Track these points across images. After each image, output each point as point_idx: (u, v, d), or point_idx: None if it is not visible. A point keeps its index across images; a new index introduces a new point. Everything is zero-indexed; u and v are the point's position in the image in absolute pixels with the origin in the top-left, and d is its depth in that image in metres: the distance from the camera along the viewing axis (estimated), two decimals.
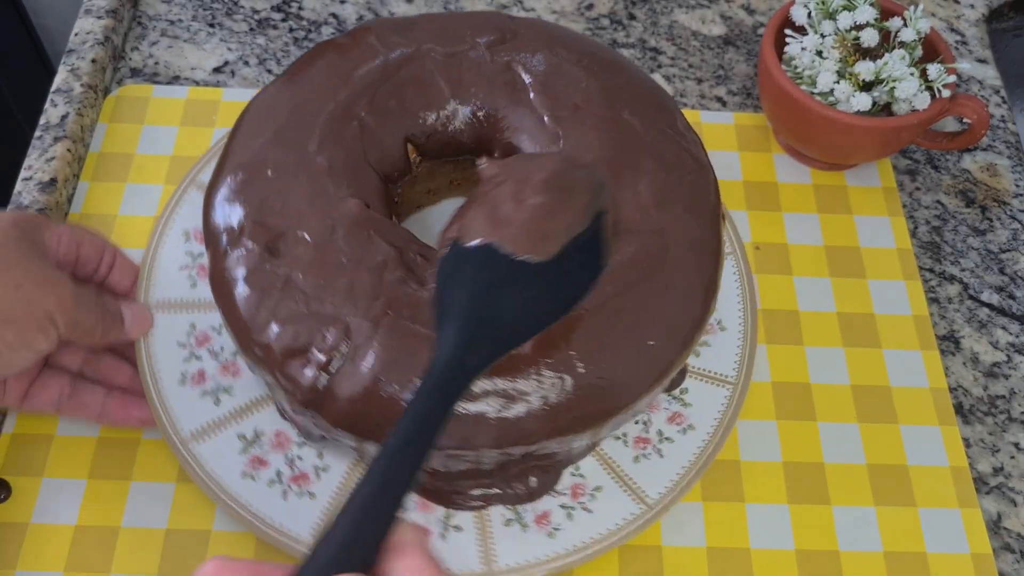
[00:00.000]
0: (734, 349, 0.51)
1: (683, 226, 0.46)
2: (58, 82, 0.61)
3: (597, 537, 0.46)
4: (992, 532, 0.50)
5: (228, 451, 0.47)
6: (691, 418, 0.49)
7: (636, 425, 0.49)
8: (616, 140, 0.48)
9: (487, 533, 0.46)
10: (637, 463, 0.48)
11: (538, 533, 0.46)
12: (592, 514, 0.47)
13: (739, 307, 0.53)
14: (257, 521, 0.45)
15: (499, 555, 0.45)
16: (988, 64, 0.69)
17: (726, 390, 0.50)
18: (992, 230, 0.61)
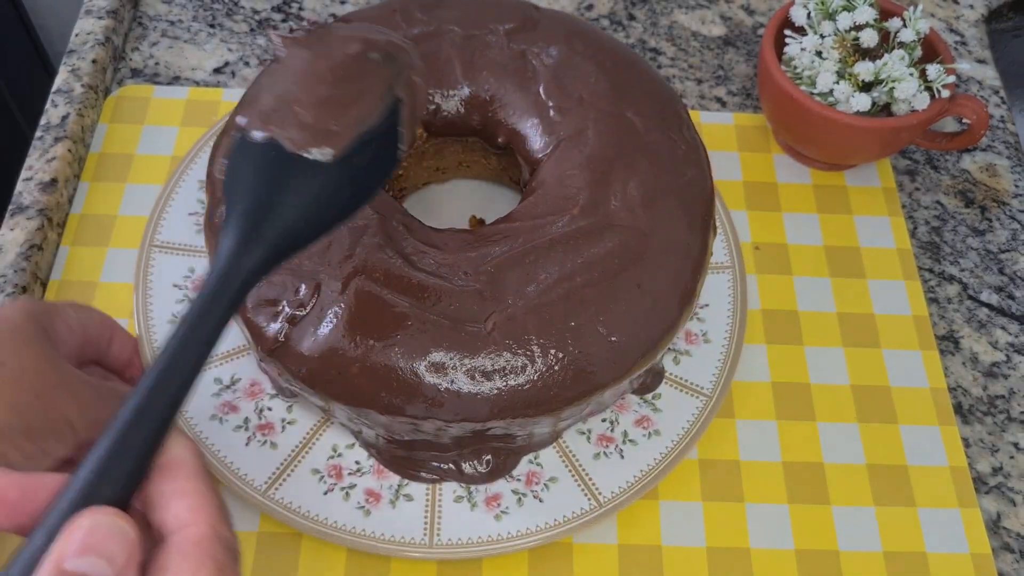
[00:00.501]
0: (715, 362, 0.51)
1: (667, 230, 0.46)
2: (59, 82, 0.61)
3: (542, 527, 0.46)
4: (991, 532, 0.50)
5: (202, 392, 0.49)
6: (659, 424, 0.49)
7: (602, 423, 0.49)
8: (614, 137, 0.48)
9: (435, 506, 0.47)
10: (596, 460, 0.48)
11: (486, 514, 0.46)
12: (542, 503, 0.47)
13: (728, 321, 0.53)
14: (216, 462, 0.47)
15: (443, 529, 0.46)
16: (987, 64, 0.69)
17: (699, 401, 0.50)
18: (991, 230, 0.61)
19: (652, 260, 0.45)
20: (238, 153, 0.37)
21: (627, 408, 0.50)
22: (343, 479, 0.47)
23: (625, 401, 0.50)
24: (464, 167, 0.56)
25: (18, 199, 0.56)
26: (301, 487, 0.47)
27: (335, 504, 0.46)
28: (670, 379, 0.51)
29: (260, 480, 0.47)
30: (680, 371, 0.51)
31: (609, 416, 0.50)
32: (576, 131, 0.48)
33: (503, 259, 0.44)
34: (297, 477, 0.47)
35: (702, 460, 0.50)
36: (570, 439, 0.49)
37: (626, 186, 0.46)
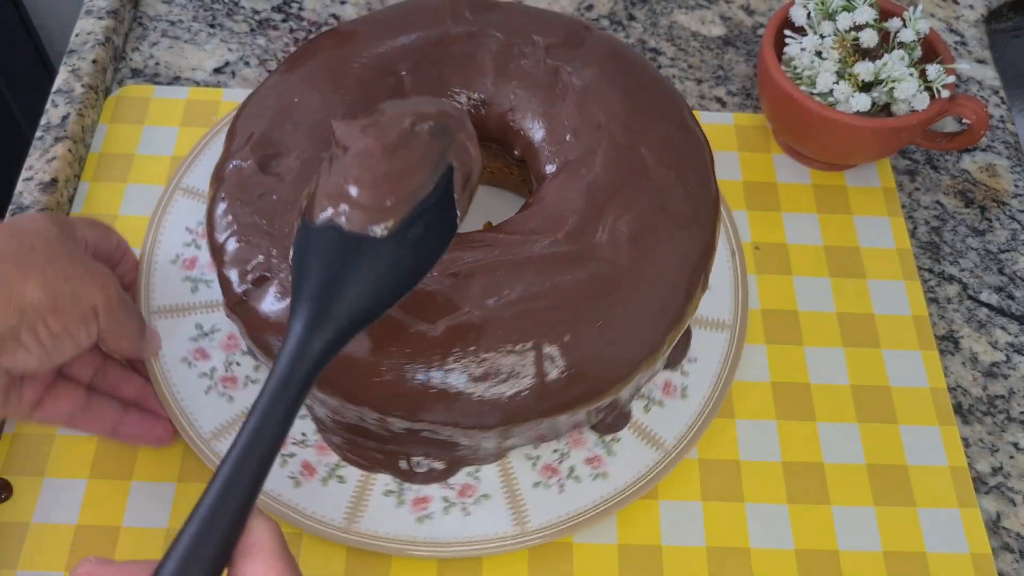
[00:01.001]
0: (686, 419, 0.50)
1: (649, 275, 0.45)
2: (59, 82, 0.61)
3: (459, 539, 0.46)
4: (991, 532, 0.50)
5: (181, 334, 0.50)
6: (608, 467, 0.48)
7: (553, 453, 0.48)
8: (621, 169, 0.47)
9: (364, 495, 0.47)
10: (535, 488, 0.47)
11: (409, 514, 0.46)
12: (468, 517, 0.46)
13: (711, 382, 0.51)
14: (173, 404, 0.48)
15: (364, 517, 0.46)
16: (987, 65, 0.69)
17: (656, 454, 0.48)
18: (991, 230, 0.61)
19: (622, 301, 0.44)
20: (302, 238, 0.38)
21: (583, 444, 0.49)
22: (285, 447, 0.47)
23: (583, 436, 0.49)
24: (488, 172, 0.56)
25: (18, 199, 0.56)
26: None
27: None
28: (635, 425, 0.49)
29: (207, 429, 0.48)
30: (648, 420, 0.49)
31: (562, 447, 0.49)
32: (585, 156, 0.48)
33: (474, 266, 0.44)
34: None
35: (702, 460, 0.50)
36: (516, 461, 0.48)
37: (617, 220, 0.45)
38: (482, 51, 0.51)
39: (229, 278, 0.45)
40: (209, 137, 0.58)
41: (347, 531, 0.46)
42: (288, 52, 0.66)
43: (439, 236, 0.40)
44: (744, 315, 0.53)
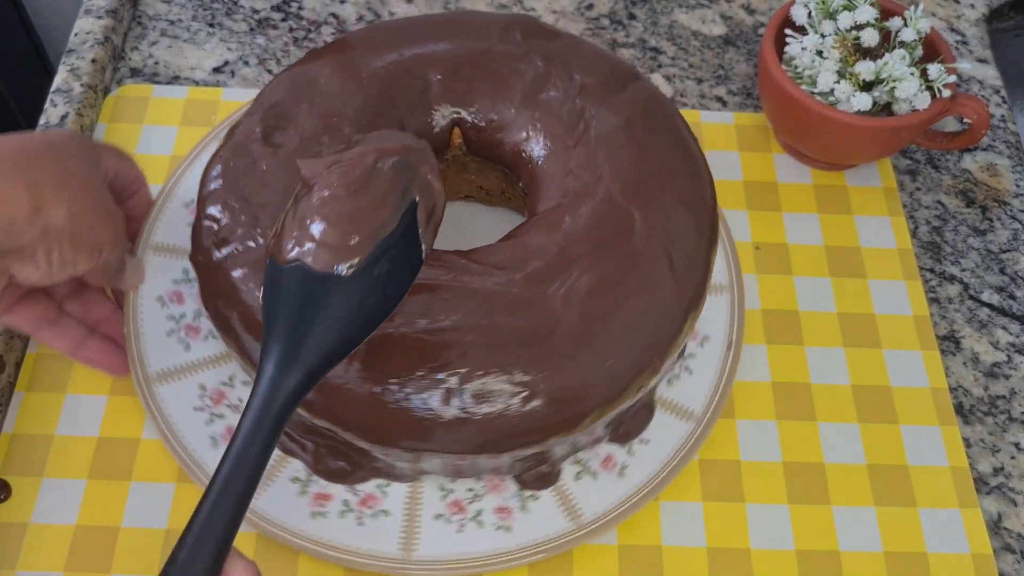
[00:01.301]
0: (613, 499, 0.47)
1: (591, 345, 0.43)
2: (58, 82, 0.61)
3: (336, 544, 0.45)
4: (992, 532, 0.50)
5: (166, 275, 0.51)
6: (515, 523, 0.46)
7: (467, 491, 0.47)
8: (604, 228, 0.46)
9: (270, 476, 0.47)
10: (435, 520, 0.47)
11: (305, 506, 0.46)
12: (360, 527, 0.46)
13: (656, 469, 0.48)
14: (132, 336, 0.49)
15: (259, 499, 0.46)
16: (988, 64, 0.69)
17: (568, 525, 0.46)
18: (992, 230, 0.61)
19: (554, 361, 0.43)
20: (269, 279, 0.39)
21: (500, 491, 0.47)
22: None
23: (504, 483, 0.48)
24: (505, 197, 0.56)
25: None
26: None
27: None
28: (559, 489, 0.47)
29: (154, 370, 0.49)
30: (575, 488, 0.47)
31: (478, 488, 0.47)
32: (575, 204, 0.47)
33: (422, 282, 0.44)
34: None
35: (702, 460, 0.50)
36: (428, 487, 0.47)
37: (580, 278, 0.44)
38: (516, 76, 0.51)
39: (199, 230, 0.47)
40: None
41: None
42: (287, 52, 0.66)
43: (405, 271, 0.40)
44: (719, 406, 0.50)
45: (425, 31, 0.53)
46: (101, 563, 0.46)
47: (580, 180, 0.48)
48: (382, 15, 0.69)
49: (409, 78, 0.51)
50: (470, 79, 0.51)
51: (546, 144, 0.50)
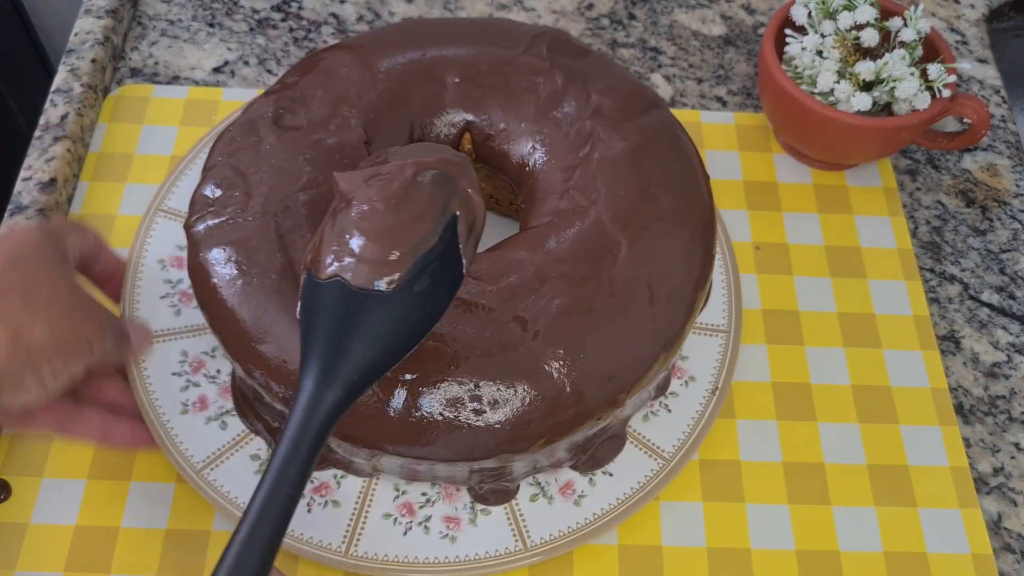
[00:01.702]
0: (564, 525, 0.46)
1: (551, 366, 0.43)
2: (58, 82, 0.61)
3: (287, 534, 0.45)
4: (992, 532, 0.50)
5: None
6: (461, 534, 0.46)
7: (420, 495, 0.47)
8: (584, 254, 0.45)
9: (232, 449, 0.48)
10: (383, 519, 0.46)
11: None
12: (308, 514, 0.46)
13: (622, 497, 0.47)
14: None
15: (216, 469, 0.47)
16: (988, 64, 0.69)
17: (514, 545, 0.46)
18: (992, 230, 0.61)
19: (503, 379, 0.42)
20: (307, 294, 0.38)
21: (454, 499, 0.47)
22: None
23: (459, 492, 0.47)
24: (514, 208, 0.55)
25: (17, 199, 0.56)
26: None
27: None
28: (511, 507, 0.47)
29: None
30: (527, 509, 0.47)
31: (432, 493, 0.47)
32: (562, 225, 0.46)
33: None
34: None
35: (702, 460, 0.50)
36: (383, 485, 0.47)
37: (552, 301, 0.44)
38: (533, 90, 0.51)
39: (195, 199, 0.48)
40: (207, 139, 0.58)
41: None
42: (287, 51, 0.66)
43: (446, 286, 0.39)
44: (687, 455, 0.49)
45: (453, 34, 0.53)
46: (101, 563, 0.46)
47: (574, 201, 0.47)
48: (382, 15, 0.69)
49: (426, 78, 0.51)
50: (486, 86, 0.51)
51: (548, 161, 0.49)
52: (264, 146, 0.48)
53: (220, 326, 0.45)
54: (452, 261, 0.39)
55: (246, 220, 0.46)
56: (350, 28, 0.68)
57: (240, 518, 0.34)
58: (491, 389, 0.42)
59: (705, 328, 0.52)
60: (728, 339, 0.52)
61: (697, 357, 0.51)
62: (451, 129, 0.51)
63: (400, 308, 0.38)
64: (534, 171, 0.50)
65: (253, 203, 0.46)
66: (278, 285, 0.44)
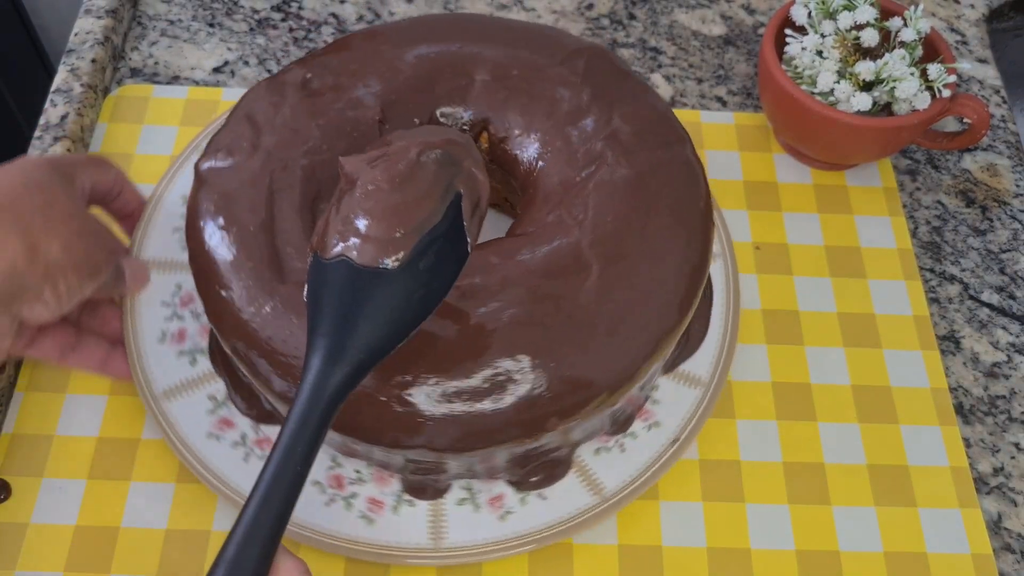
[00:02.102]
0: (481, 534, 0.46)
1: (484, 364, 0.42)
2: (58, 82, 0.61)
3: (215, 469, 0.47)
4: (992, 532, 0.50)
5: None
6: (379, 519, 0.46)
7: (354, 472, 0.48)
8: (556, 273, 0.45)
9: (189, 389, 0.49)
10: (313, 486, 0.47)
11: (207, 425, 0.48)
12: (245, 463, 0.47)
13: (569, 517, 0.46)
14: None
15: (169, 400, 0.49)
16: (988, 64, 0.69)
17: (427, 542, 0.46)
18: (992, 230, 0.61)
19: (435, 375, 0.42)
20: (314, 275, 0.39)
21: (385, 484, 0.48)
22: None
23: (391, 478, 0.48)
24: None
25: None
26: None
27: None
28: (436, 507, 0.47)
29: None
30: (453, 513, 0.47)
31: (364, 473, 0.48)
32: (541, 239, 0.46)
33: None
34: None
35: (702, 460, 0.50)
36: (322, 454, 0.48)
37: (506, 310, 0.43)
38: (556, 102, 0.50)
39: (213, 139, 0.50)
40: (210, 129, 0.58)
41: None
42: (287, 51, 0.66)
43: (451, 263, 0.40)
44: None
45: (496, 33, 0.53)
46: (101, 563, 0.46)
47: (560, 218, 0.47)
48: (382, 15, 0.69)
49: (456, 71, 0.51)
50: (512, 89, 0.51)
51: (551, 174, 0.49)
52: (284, 106, 0.50)
53: (194, 262, 0.47)
54: (457, 239, 0.40)
55: (245, 171, 0.47)
56: (350, 28, 0.68)
57: (249, 494, 0.34)
58: (420, 385, 0.42)
59: (685, 377, 0.50)
60: (706, 393, 0.50)
61: (669, 404, 0.49)
62: (468, 125, 0.51)
63: (405, 285, 0.38)
64: (536, 181, 0.49)
65: (256, 156, 0.48)
66: (253, 238, 0.46)
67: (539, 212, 0.48)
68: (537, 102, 0.50)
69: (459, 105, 0.51)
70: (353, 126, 0.49)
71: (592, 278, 0.44)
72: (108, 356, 0.49)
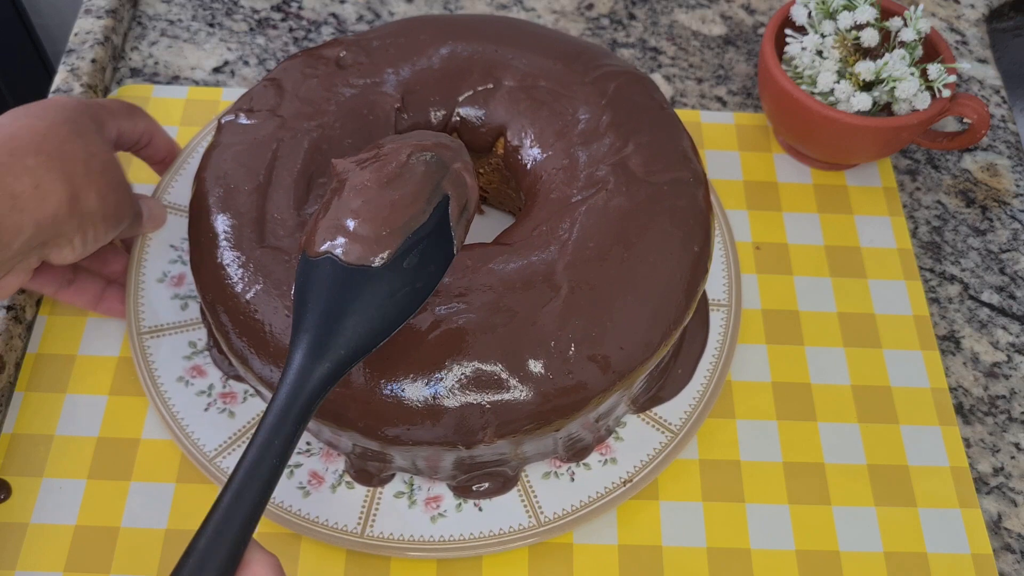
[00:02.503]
0: (406, 530, 0.46)
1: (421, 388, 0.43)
2: (58, 82, 0.61)
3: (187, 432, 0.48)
4: (992, 532, 0.50)
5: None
6: (315, 492, 0.47)
7: (304, 444, 0.48)
8: (522, 289, 0.44)
9: (375, 499, 0.49)
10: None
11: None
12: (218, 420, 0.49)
13: (497, 535, 0.46)
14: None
15: (153, 338, 0.51)
16: (988, 64, 0.69)
17: (354, 526, 0.46)
18: (992, 230, 0.61)
19: (376, 372, 0.42)
20: (301, 272, 0.39)
21: (330, 460, 0.48)
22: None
23: (337, 457, 0.49)
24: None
25: None
26: None
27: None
28: (371, 494, 0.47)
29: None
30: (386, 504, 0.47)
31: (314, 446, 0.49)
32: (518, 254, 0.46)
33: None
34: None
35: (702, 460, 0.50)
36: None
37: (461, 316, 0.43)
38: (573, 121, 0.50)
39: (245, 93, 0.52)
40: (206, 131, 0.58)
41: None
42: (287, 52, 0.66)
43: (437, 264, 0.40)
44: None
45: (536, 41, 0.53)
46: (101, 563, 0.46)
47: (543, 235, 0.46)
48: (382, 15, 0.69)
49: (485, 73, 0.51)
50: (535, 100, 0.51)
51: (550, 191, 0.49)
52: (313, 79, 0.51)
53: (190, 208, 0.49)
54: (443, 240, 0.40)
55: (257, 132, 0.49)
56: (350, 28, 0.68)
57: (224, 484, 0.34)
58: (365, 384, 0.42)
59: (655, 420, 0.49)
60: (673, 440, 0.48)
61: (632, 443, 0.48)
62: (485, 128, 0.51)
63: (390, 284, 0.38)
64: (536, 194, 0.49)
65: (271, 121, 0.49)
66: (245, 197, 0.47)
67: (528, 225, 0.47)
68: (555, 117, 0.50)
69: (480, 107, 0.51)
70: (370, 109, 0.50)
71: (558, 300, 0.44)
72: (102, 294, 0.51)
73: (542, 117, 0.50)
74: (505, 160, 0.52)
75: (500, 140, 0.52)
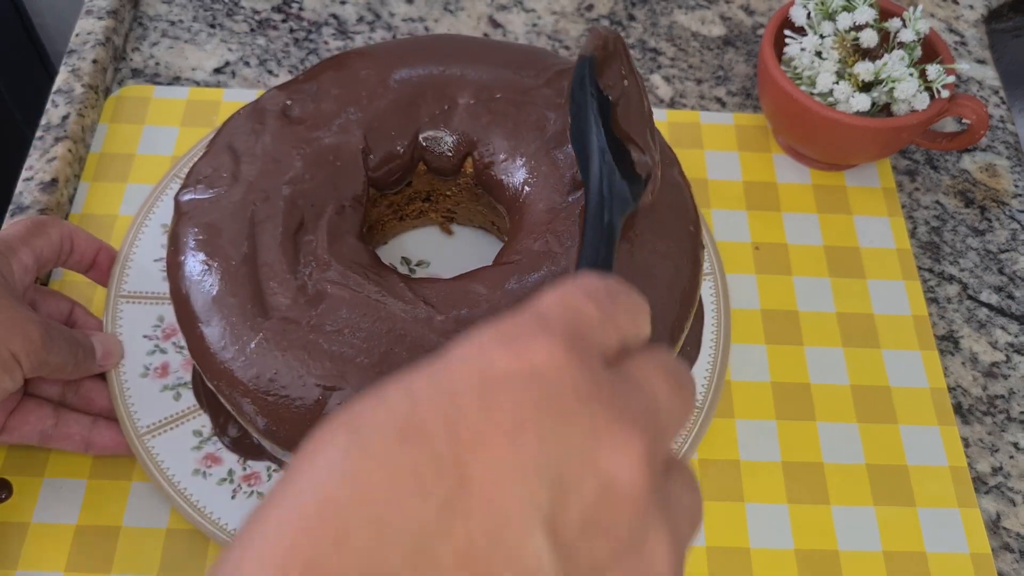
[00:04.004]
0: None
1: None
2: (59, 82, 0.61)
3: (201, 506, 0.46)
4: (991, 532, 0.50)
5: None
6: None
7: None
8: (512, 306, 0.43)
9: (176, 421, 0.49)
10: (233, 499, 0.47)
11: (192, 461, 0.47)
12: (232, 500, 0.46)
13: None
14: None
15: (157, 437, 0.48)
16: (987, 65, 0.69)
17: None
18: (991, 230, 0.61)
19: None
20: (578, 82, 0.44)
21: None
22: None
23: None
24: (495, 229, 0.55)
25: (18, 199, 0.56)
26: None
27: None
28: None
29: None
30: None
31: None
32: (528, 268, 0.45)
33: (352, 291, 0.44)
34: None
35: (702, 460, 0.50)
36: None
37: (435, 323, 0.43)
38: (542, 125, 0.49)
39: (192, 168, 0.49)
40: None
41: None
42: (288, 52, 0.66)
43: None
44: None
45: (480, 54, 0.52)
46: (101, 563, 0.46)
47: (547, 245, 0.46)
48: (382, 16, 0.69)
49: (439, 95, 0.50)
50: (496, 112, 0.50)
51: (537, 199, 0.48)
52: (265, 134, 0.49)
53: (175, 298, 0.46)
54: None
55: (226, 203, 0.46)
56: (350, 29, 0.68)
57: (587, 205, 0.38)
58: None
59: None
60: None
61: None
62: (452, 150, 0.51)
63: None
64: (523, 207, 0.48)
65: (237, 187, 0.47)
66: (235, 272, 0.44)
67: (526, 239, 0.47)
68: (522, 126, 0.49)
69: (443, 130, 0.50)
70: (335, 154, 0.48)
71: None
72: (91, 431, 0.47)
73: (508, 128, 0.50)
74: (477, 178, 0.51)
75: (467, 159, 0.51)
